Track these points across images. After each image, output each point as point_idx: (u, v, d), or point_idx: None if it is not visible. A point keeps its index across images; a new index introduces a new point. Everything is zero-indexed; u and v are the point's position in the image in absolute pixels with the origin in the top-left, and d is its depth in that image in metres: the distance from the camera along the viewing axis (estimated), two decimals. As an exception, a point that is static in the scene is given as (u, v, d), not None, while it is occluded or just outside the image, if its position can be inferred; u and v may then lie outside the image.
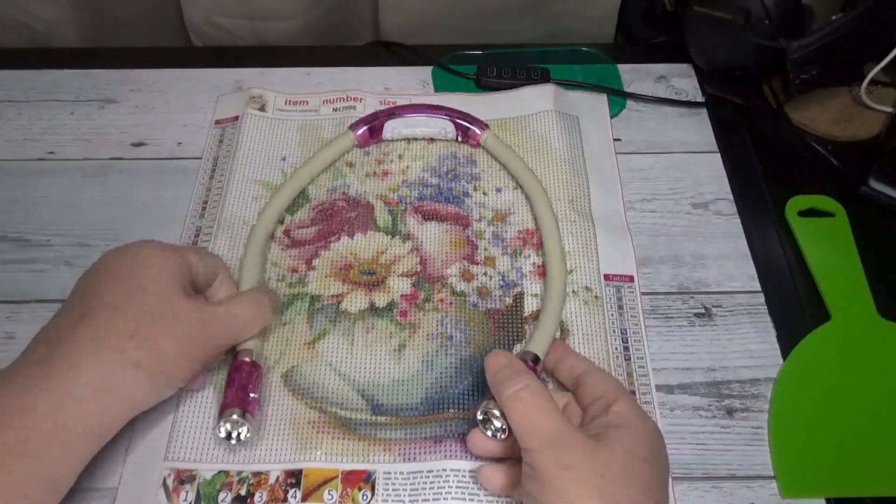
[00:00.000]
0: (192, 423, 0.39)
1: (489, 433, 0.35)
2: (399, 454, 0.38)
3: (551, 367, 0.39)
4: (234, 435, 0.37)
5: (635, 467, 0.31)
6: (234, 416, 0.36)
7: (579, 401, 0.36)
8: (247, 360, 0.39)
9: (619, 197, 0.50)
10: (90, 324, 0.33)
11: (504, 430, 0.35)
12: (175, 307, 0.35)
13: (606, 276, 0.45)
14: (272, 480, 0.37)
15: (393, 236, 0.46)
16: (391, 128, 0.50)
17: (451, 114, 0.51)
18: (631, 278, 0.45)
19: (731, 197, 0.50)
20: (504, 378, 0.34)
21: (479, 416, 0.35)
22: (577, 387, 0.37)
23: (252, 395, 0.38)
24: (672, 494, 0.37)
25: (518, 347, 0.42)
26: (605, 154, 0.52)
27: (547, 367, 0.39)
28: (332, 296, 0.44)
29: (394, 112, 0.51)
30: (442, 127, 0.51)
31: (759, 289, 0.45)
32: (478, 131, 0.50)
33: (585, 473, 0.31)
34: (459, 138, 0.51)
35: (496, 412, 0.34)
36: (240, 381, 0.38)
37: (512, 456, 0.36)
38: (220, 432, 0.37)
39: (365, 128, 0.50)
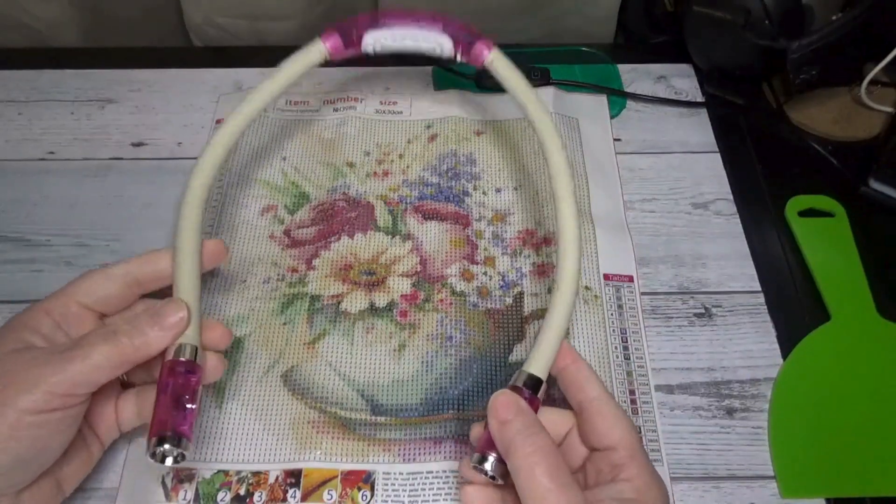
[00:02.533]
0: (191, 422, 0.39)
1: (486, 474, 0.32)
2: (398, 454, 0.38)
3: (555, 372, 0.35)
4: (169, 461, 0.32)
5: None
6: (167, 446, 0.31)
7: (585, 437, 0.33)
8: (181, 359, 0.33)
9: (618, 197, 0.50)
10: None
11: (501, 480, 0.32)
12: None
13: (606, 276, 0.45)
14: (272, 480, 0.37)
15: (393, 236, 0.46)
16: (373, 39, 0.42)
17: (451, 27, 0.43)
18: (630, 278, 0.45)
19: (731, 197, 0.50)
20: (516, 434, 0.30)
21: (475, 463, 0.32)
22: (585, 417, 0.33)
23: (189, 406, 0.32)
24: (672, 494, 0.37)
25: (518, 348, 0.42)
26: (605, 154, 0.52)
27: (550, 372, 0.35)
28: (332, 296, 0.44)
29: (378, 20, 0.42)
30: (438, 42, 0.43)
31: (759, 289, 0.45)
32: (485, 49, 0.42)
33: None
34: (459, 57, 0.43)
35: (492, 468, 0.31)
36: (174, 390, 0.32)
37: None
38: (152, 458, 0.32)
39: (337, 35, 0.41)
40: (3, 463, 0.30)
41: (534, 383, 0.33)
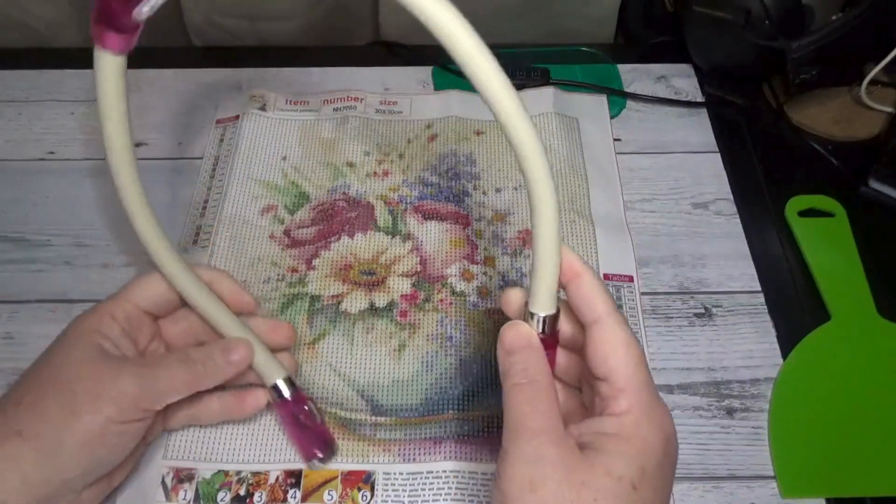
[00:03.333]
0: (191, 422, 0.39)
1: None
2: (398, 455, 0.38)
3: (564, 283, 0.30)
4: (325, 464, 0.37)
5: (617, 496, 0.26)
6: (317, 463, 0.37)
7: (588, 362, 0.29)
8: (287, 398, 0.36)
9: (618, 197, 0.50)
10: None
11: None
12: (68, 370, 0.32)
13: (606, 276, 0.45)
14: (272, 480, 0.37)
15: (393, 236, 0.46)
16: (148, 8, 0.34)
17: None
18: (631, 278, 0.45)
19: (731, 197, 0.50)
20: (513, 364, 0.29)
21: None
22: (587, 340, 0.29)
23: (312, 423, 0.37)
24: (672, 494, 0.37)
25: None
26: (605, 154, 0.52)
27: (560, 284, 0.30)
28: (332, 296, 0.44)
29: None
30: None
31: (759, 289, 0.45)
32: None
33: (548, 498, 0.26)
34: None
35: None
36: (293, 424, 0.37)
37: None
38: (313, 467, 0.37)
39: (112, 32, 0.33)
40: (85, 465, 0.32)
41: (545, 320, 0.30)
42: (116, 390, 0.32)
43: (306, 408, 0.37)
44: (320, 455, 0.37)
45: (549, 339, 0.30)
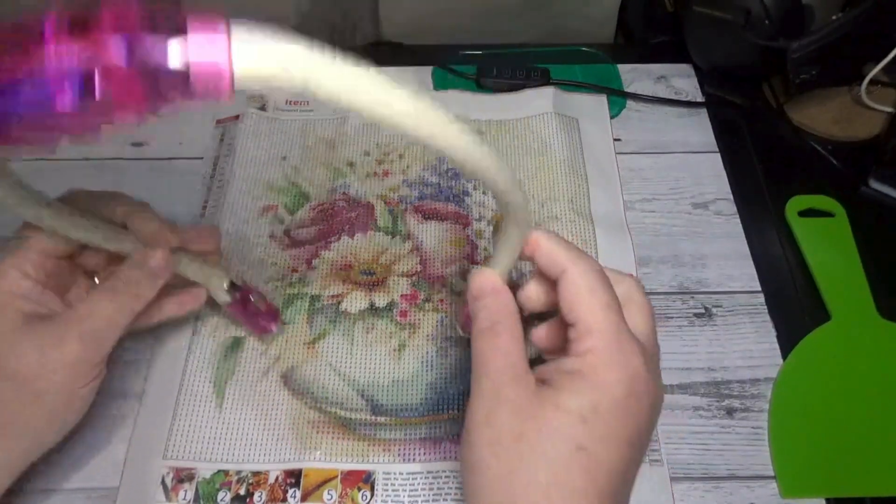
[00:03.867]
0: (191, 421, 0.39)
1: None
2: (398, 455, 0.38)
3: (529, 255, 0.32)
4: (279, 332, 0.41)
5: (559, 427, 0.27)
6: (275, 332, 0.41)
7: (562, 312, 0.30)
8: (236, 298, 0.39)
9: (618, 197, 0.50)
10: None
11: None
12: (3, 345, 0.31)
13: (606, 276, 0.45)
14: (272, 480, 0.37)
15: (393, 236, 0.46)
16: None
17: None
18: (631, 278, 0.45)
19: (731, 197, 0.50)
20: (481, 309, 0.30)
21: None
22: (558, 292, 0.30)
23: (262, 308, 0.40)
24: (672, 494, 0.37)
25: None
26: (605, 154, 0.52)
27: (524, 256, 0.32)
28: (332, 296, 0.44)
29: None
30: None
31: (759, 289, 0.45)
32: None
33: (498, 434, 0.27)
34: None
35: None
36: (248, 317, 0.40)
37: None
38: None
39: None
40: (56, 430, 0.33)
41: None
42: (64, 359, 0.31)
43: (252, 299, 0.40)
44: (273, 328, 0.41)
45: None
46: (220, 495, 0.36)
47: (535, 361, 0.31)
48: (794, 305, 0.45)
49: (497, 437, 0.27)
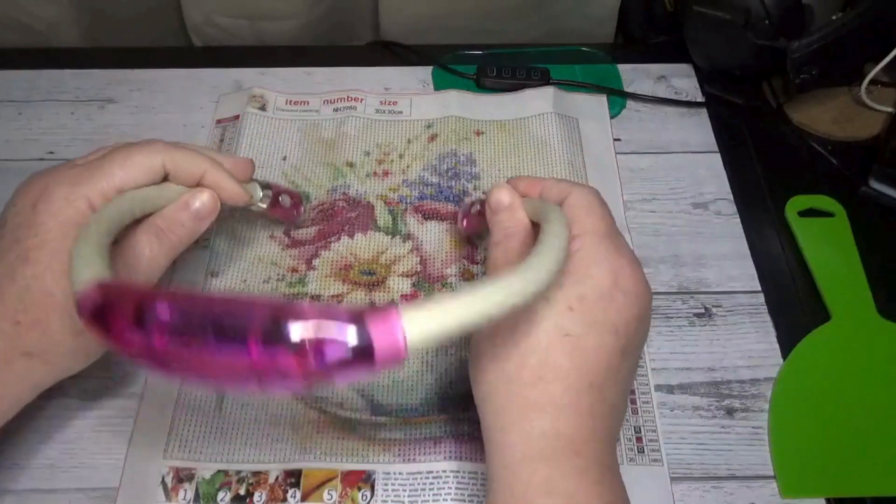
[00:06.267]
0: (191, 420, 0.39)
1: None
2: (398, 455, 0.38)
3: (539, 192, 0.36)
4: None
5: (549, 315, 0.30)
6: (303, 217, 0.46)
7: None
8: (271, 198, 0.42)
9: (618, 197, 0.50)
10: None
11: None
12: (61, 281, 0.31)
13: (606, 276, 0.45)
14: (272, 480, 0.37)
15: (393, 236, 0.46)
16: None
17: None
18: (631, 278, 0.45)
19: (731, 197, 0.50)
20: (496, 223, 0.35)
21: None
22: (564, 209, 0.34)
23: (292, 199, 0.45)
24: (672, 494, 0.37)
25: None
26: (605, 154, 0.52)
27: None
28: (333, 296, 0.44)
29: None
30: None
31: (759, 289, 0.45)
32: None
33: (497, 328, 0.30)
34: None
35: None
36: (279, 212, 0.44)
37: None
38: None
39: None
40: (93, 360, 0.35)
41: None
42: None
43: (280, 199, 0.43)
44: (300, 212, 0.46)
45: None
46: (220, 495, 0.36)
47: None
48: (794, 305, 0.45)
49: (496, 330, 0.30)
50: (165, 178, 0.36)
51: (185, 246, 0.36)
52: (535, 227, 0.34)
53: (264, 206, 0.41)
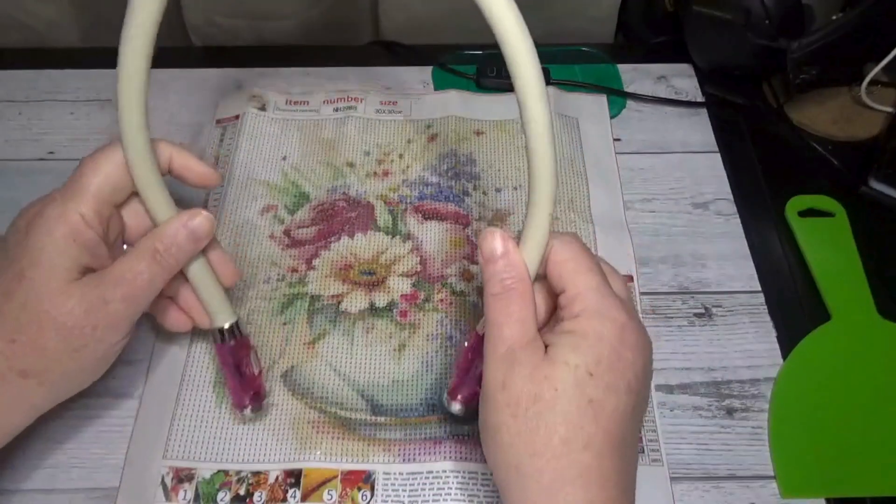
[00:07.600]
0: (191, 421, 0.39)
1: None
2: (399, 455, 0.38)
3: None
4: (255, 414, 0.38)
5: (575, 383, 0.29)
6: (248, 413, 0.38)
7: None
8: (230, 343, 0.37)
9: (618, 197, 0.50)
10: None
11: None
12: (56, 298, 0.31)
13: (606, 276, 0.45)
14: (271, 480, 0.37)
15: (393, 236, 0.46)
16: None
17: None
18: (630, 278, 0.45)
19: (731, 197, 0.50)
20: (492, 274, 0.31)
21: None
22: (546, 269, 0.32)
23: (253, 371, 0.38)
24: (672, 494, 0.37)
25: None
26: (605, 154, 0.52)
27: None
28: (332, 296, 0.44)
29: None
30: None
31: (759, 289, 0.45)
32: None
33: (516, 397, 0.29)
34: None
35: None
36: (232, 370, 0.37)
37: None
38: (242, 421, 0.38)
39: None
40: (90, 381, 0.35)
41: None
42: (108, 318, 0.32)
43: (249, 358, 0.38)
44: (249, 406, 0.38)
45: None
46: (220, 495, 0.36)
47: None
48: (794, 305, 0.45)
49: (516, 399, 0.29)
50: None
51: (181, 266, 0.35)
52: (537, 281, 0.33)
53: (217, 338, 0.37)
